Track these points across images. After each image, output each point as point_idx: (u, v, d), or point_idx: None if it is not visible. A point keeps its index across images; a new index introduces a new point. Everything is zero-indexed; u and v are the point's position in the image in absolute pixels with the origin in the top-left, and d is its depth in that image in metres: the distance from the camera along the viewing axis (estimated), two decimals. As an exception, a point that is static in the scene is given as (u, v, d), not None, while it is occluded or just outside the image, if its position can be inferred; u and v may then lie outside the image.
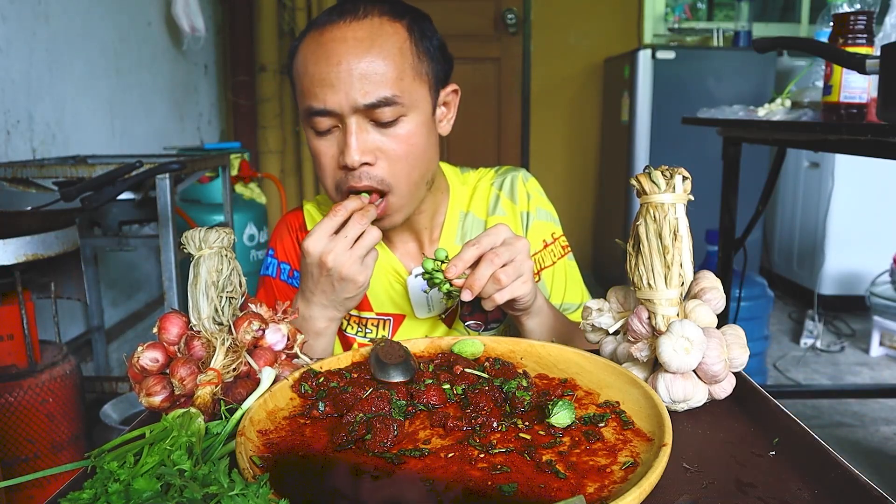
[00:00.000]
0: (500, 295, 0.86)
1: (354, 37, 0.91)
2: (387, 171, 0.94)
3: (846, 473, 0.55)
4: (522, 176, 1.16)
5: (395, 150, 0.94)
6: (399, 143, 0.94)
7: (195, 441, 0.57)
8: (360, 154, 0.92)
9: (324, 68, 0.91)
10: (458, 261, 0.86)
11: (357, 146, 0.92)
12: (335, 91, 0.91)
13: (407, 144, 0.95)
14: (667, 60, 3.40)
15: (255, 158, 3.58)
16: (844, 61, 1.38)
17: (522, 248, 0.88)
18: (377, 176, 0.94)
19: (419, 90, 0.96)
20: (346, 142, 0.92)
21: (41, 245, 1.46)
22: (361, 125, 0.93)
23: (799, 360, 3.06)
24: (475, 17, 3.98)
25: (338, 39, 0.91)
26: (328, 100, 0.91)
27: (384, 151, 0.94)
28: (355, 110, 0.91)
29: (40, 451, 1.55)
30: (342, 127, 0.93)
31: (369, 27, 0.92)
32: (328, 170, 0.97)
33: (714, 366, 0.68)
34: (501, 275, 0.85)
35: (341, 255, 0.88)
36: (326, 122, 0.94)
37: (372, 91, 0.91)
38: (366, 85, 0.90)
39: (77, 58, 2.29)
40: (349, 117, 0.92)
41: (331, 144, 0.95)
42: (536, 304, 0.95)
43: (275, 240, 1.16)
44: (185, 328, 0.74)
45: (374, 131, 0.93)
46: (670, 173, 0.71)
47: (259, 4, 3.45)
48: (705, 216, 2.17)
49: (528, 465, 0.57)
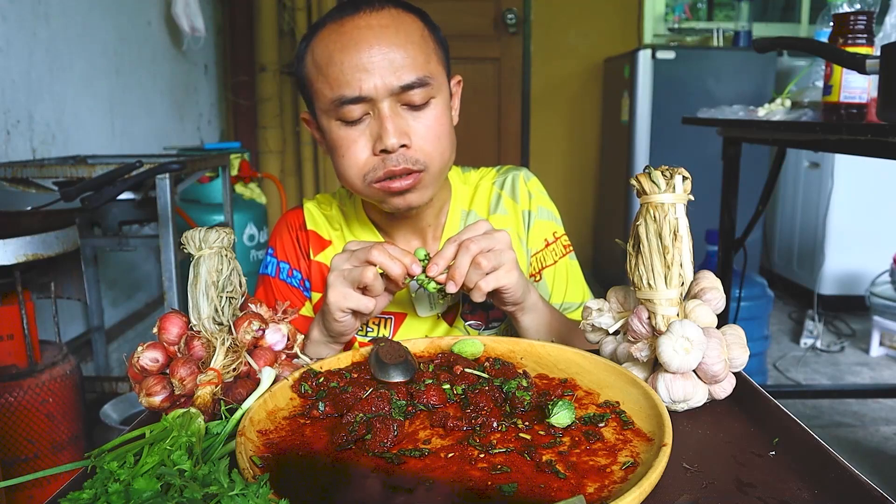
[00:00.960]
0: (485, 283, 0.87)
1: (380, 24, 0.93)
2: (422, 151, 0.96)
3: (846, 473, 0.55)
4: (524, 175, 1.16)
5: (429, 131, 0.96)
6: (431, 124, 0.96)
7: (195, 441, 0.57)
8: (398, 136, 0.93)
9: (354, 55, 0.92)
10: (438, 258, 0.87)
11: (394, 129, 0.93)
12: (370, 75, 0.91)
13: (438, 125, 0.97)
14: (667, 60, 3.40)
15: (255, 158, 3.58)
16: (844, 61, 1.38)
17: (502, 238, 0.89)
18: (413, 157, 0.95)
19: (442, 74, 0.99)
20: (383, 126, 0.93)
21: (41, 245, 1.47)
22: (395, 109, 0.94)
23: (799, 360, 3.06)
24: (475, 17, 3.98)
25: (363, 27, 0.93)
26: (363, 85, 0.92)
27: (418, 133, 0.95)
28: (390, 93, 0.93)
29: (40, 451, 1.55)
30: (374, 113, 0.94)
31: (389, 16, 0.95)
32: (356, 160, 0.96)
33: (714, 366, 0.68)
34: (482, 259, 0.86)
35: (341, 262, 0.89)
36: (358, 111, 0.94)
37: (405, 74, 0.92)
38: (398, 68, 0.92)
39: (77, 58, 2.29)
40: (382, 101, 0.93)
41: (360, 133, 0.96)
42: (529, 301, 0.96)
43: (275, 239, 1.16)
44: (185, 328, 0.74)
45: (406, 115, 0.95)
46: (670, 173, 0.71)
47: (259, 4, 3.45)
48: (705, 216, 2.17)
49: (528, 465, 0.57)
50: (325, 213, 1.16)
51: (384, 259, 0.85)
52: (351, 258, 0.88)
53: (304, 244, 1.14)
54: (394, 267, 0.85)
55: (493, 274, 0.88)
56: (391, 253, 0.86)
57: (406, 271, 0.86)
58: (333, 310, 0.89)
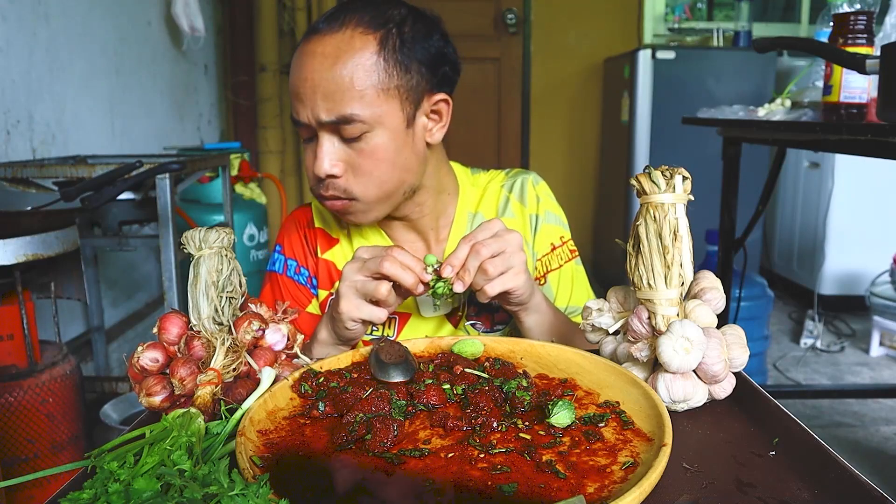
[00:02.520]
0: (490, 287, 0.87)
1: (322, 52, 0.92)
2: (352, 182, 0.96)
3: (846, 473, 0.55)
4: (532, 179, 1.16)
5: (362, 164, 0.96)
6: (365, 157, 0.95)
7: (195, 441, 0.57)
8: (327, 166, 0.95)
9: (297, 81, 0.94)
10: (452, 258, 0.87)
11: (323, 159, 0.95)
12: (304, 105, 0.94)
13: (373, 159, 0.95)
14: (667, 60, 3.40)
15: (255, 158, 3.58)
16: (844, 61, 1.38)
17: (513, 240, 0.89)
18: (341, 187, 0.97)
19: (385, 105, 0.94)
20: (316, 153, 0.96)
21: (41, 245, 1.47)
22: (329, 138, 0.95)
23: (799, 360, 3.06)
24: (475, 17, 3.98)
25: (308, 53, 0.94)
26: (300, 113, 0.95)
27: (351, 164, 0.96)
28: (320, 125, 0.94)
29: (40, 451, 1.55)
30: (316, 138, 0.97)
31: (338, 42, 0.92)
32: (310, 173, 1.00)
33: (714, 366, 0.68)
34: (488, 265, 0.86)
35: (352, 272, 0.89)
36: (306, 132, 0.97)
37: (333, 108, 0.92)
38: (327, 102, 0.92)
39: (77, 58, 2.29)
40: (318, 130, 0.95)
41: (312, 150, 0.98)
42: (534, 301, 0.96)
43: (282, 236, 1.16)
44: (185, 328, 0.74)
45: (341, 145, 0.96)
46: (670, 173, 0.71)
47: (259, 4, 3.45)
48: (705, 216, 2.17)
49: (528, 465, 0.57)
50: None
51: (396, 271, 0.86)
52: (363, 269, 0.88)
53: (312, 242, 1.14)
54: (407, 278, 0.86)
55: (500, 278, 0.88)
56: (403, 262, 0.86)
57: (418, 280, 0.87)
58: (345, 319, 0.89)
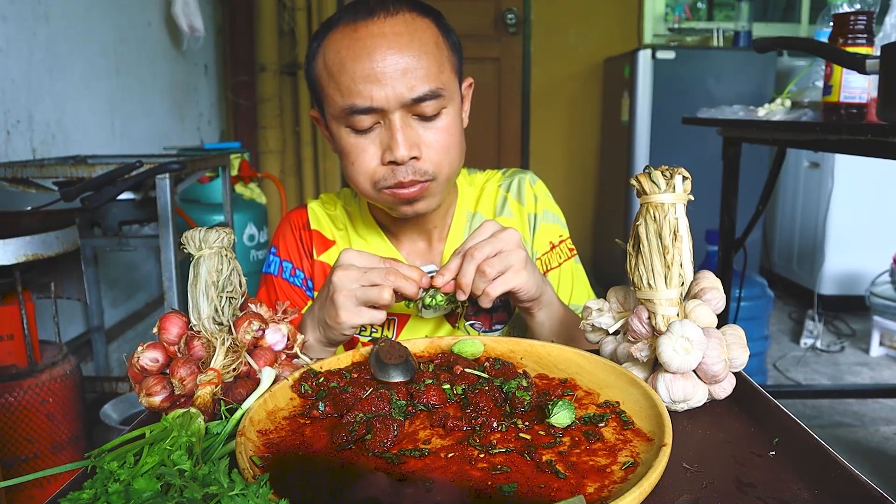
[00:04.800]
0: (492, 288, 0.86)
1: (393, 31, 0.91)
2: (431, 162, 0.95)
3: (846, 473, 0.55)
4: (530, 178, 1.16)
5: (439, 143, 0.95)
6: (441, 135, 0.95)
7: (195, 441, 0.57)
8: (408, 149, 0.92)
9: (366, 64, 0.90)
10: (444, 270, 0.87)
11: (405, 141, 0.92)
12: (382, 86, 0.90)
13: (448, 135, 0.95)
14: (667, 60, 3.41)
15: (255, 158, 3.58)
16: (844, 61, 1.38)
17: (509, 238, 0.88)
18: (422, 168, 0.94)
19: (454, 82, 0.98)
20: (394, 137, 0.92)
21: (41, 245, 1.47)
22: (406, 120, 0.93)
23: (799, 360, 3.06)
24: (475, 17, 3.97)
25: (376, 34, 0.90)
26: (374, 96, 0.90)
27: (428, 144, 0.94)
28: (402, 105, 0.91)
29: (40, 451, 1.55)
30: (385, 123, 0.93)
31: (404, 22, 0.92)
32: (366, 167, 0.96)
33: (714, 366, 0.68)
34: (486, 267, 0.85)
35: (349, 282, 0.87)
36: (368, 121, 0.93)
37: (417, 85, 0.91)
38: (411, 79, 0.90)
39: (77, 58, 2.29)
40: (394, 112, 0.91)
41: (370, 142, 0.95)
42: (546, 296, 0.95)
43: (278, 237, 1.16)
44: (185, 328, 0.74)
45: (417, 126, 0.94)
46: (670, 173, 0.71)
47: (259, 4, 3.45)
48: (705, 216, 2.17)
49: (528, 465, 0.57)
50: (329, 213, 1.15)
51: (400, 283, 0.85)
52: (361, 279, 0.87)
53: (308, 244, 1.13)
54: (409, 288, 0.86)
55: (501, 278, 0.87)
56: (403, 273, 0.86)
57: (419, 287, 0.87)
58: (345, 328, 0.88)
